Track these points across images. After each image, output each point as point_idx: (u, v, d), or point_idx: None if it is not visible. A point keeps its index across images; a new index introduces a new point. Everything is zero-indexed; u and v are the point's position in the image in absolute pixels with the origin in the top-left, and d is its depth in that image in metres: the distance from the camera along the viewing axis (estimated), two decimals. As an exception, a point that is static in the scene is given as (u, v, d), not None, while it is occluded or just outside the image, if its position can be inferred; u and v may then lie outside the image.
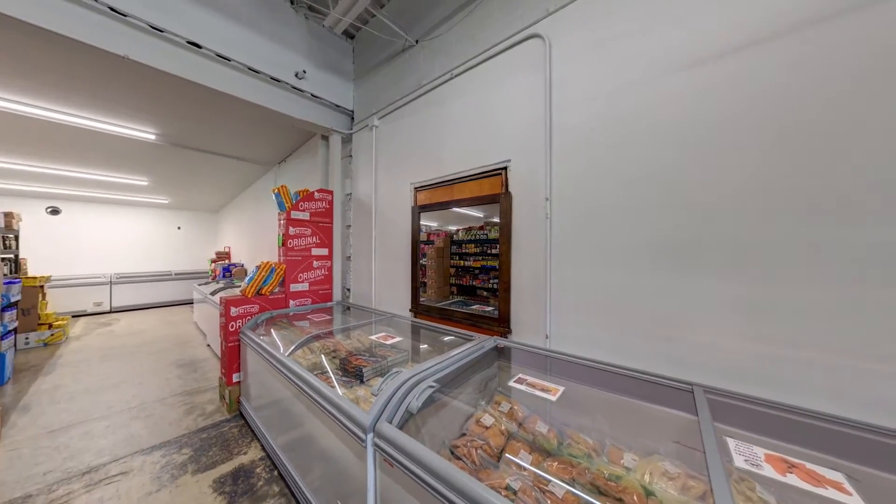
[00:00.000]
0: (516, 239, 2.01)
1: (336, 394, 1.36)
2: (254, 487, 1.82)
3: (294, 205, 3.08)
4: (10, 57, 2.47)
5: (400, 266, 2.86)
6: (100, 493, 1.80)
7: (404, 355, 1.98)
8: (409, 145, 2.83)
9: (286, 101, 3.01)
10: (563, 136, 1.80)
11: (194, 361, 3.96)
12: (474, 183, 2.28)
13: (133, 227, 8.03)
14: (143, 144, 4.26)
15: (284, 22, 2.95)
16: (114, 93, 3.03)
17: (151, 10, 2.19)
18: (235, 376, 2.64)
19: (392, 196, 3.00)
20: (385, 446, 1.05)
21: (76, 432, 2.40)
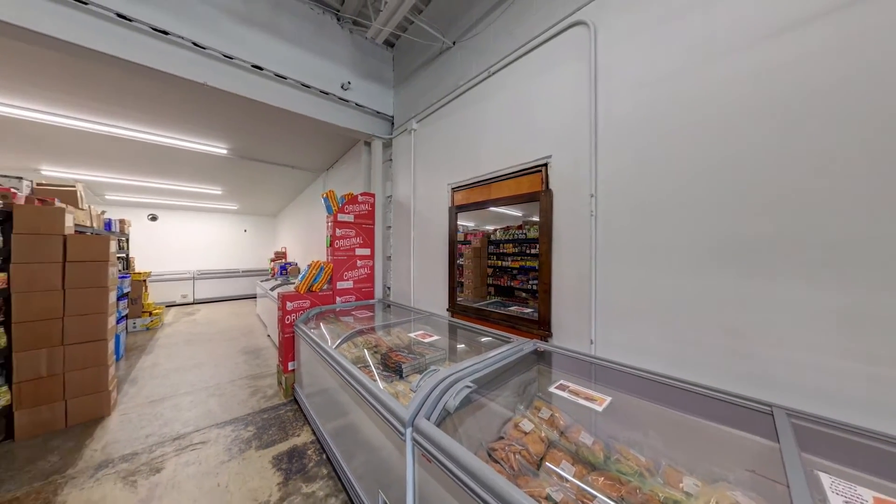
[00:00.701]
0: (557, 238, 1.92)
1: (378, 387, 1.43)
2: (305, 468, 1.99)
3: (340, 208, 3.30)
4: (111, 90, 3.01)
5: (437, 266, 2.91)
6: (186, 457, 2.11)
7: (442, 354, 2.00)
8: (446, 146, 2.86)
9: (333, 112, 3.23)
10: (611, 127, 1.68)
11: (257, 349, 4.45)
12: (512, 181, 2.22)
13: (210, 231, 9.27)
14: (217, 158, 4.90)
15: (332, 38, 3.17)
16: (193, 114, 3.52)
17: (224, 41, 2.51)
18: (290, 364, 2.91)
19: (430, 197, 3.06)
20: (423, 442, 1.08)
21: (169, 404, 2.85)
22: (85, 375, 2.54)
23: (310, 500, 1.72)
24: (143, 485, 1.86)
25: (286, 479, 1.89)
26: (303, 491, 1.79)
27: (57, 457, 2.11)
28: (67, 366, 2.47)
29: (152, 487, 1.84)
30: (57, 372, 2.43)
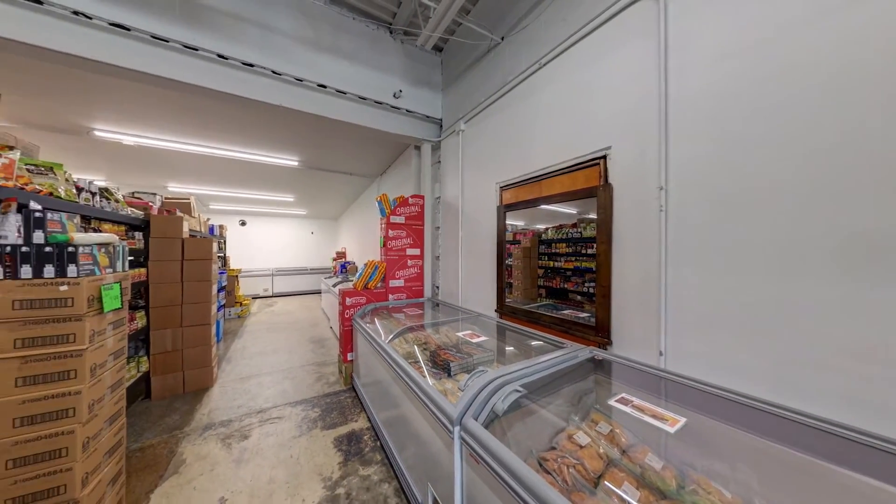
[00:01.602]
0: (618, 237, 1.74)
1: (427, 383, 1.47)
2: (362, 451, 2.15)
3: (392, 210, 3.49)
4: (211, 117, 3.62)
5: (485, 266, 2.88)
6: (267, 428, 2.45)
7: (490, 355, 1.98)
8: (494, 145, 2.82)
9: (386, 120, 3.43)
10: (685, 109, 1.47)
11: (322, 339, 4.95)
12: (566, 177, 2.09)
13: (284, 233, 10.62)
14: (290, 169, 5.58)
15: (384, 51, 3.36)
16: (270, 132, 4.07)
17: (295, 66, 2.85)
18: (349, 355, 3.18)
19: (477, 197, 3.05)
20: (471, 442, 1.08)
21: (254, 381, 3.34)
22: (196, 352, 3.12)
23: (366, 483, 1.86)
24: (235, 447, 2.22)
25: (346, 460, 2.07)
26: (360, 473, 1.94)
27: (178, 416, 2.63)
28: (185, 343, 3.06)
29: (242, 451, 2.18)
30: (178, 348, 3.03)
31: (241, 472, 1.97)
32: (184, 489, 1.82)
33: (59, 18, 2.03)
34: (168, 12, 2.33)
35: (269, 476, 1.93)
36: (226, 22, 2.54)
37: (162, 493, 1.79)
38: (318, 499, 1.74)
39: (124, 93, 3.05)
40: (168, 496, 1.77)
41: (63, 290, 1.20)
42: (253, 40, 2.66)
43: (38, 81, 2.84)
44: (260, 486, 1.84)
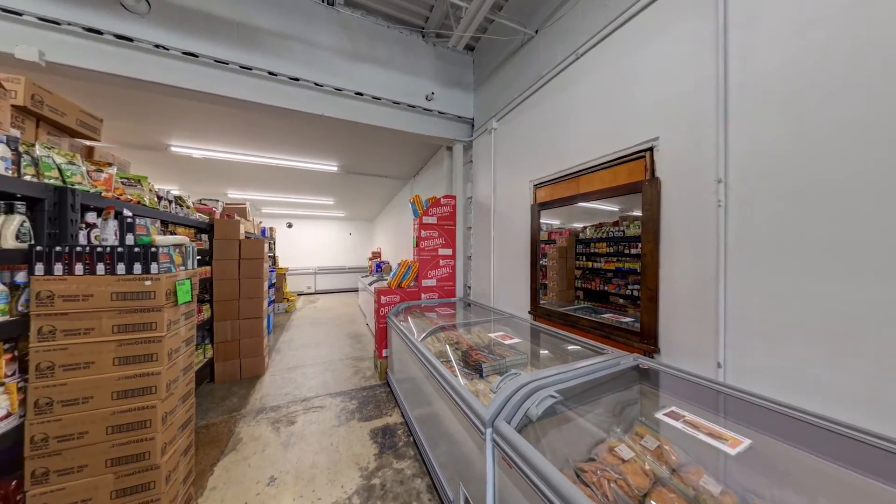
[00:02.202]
0: (667, 235, 1.60)
1: (459, 383, 1.48)
2: (396, 445, 2.22)
3: (425, 211, 3.55)
4: (261, 129, 3.96)
5: (519, 266, 2.81)
6: (310, 416, 2.63)
7: (523, 358, 1.93)
8: (527, 142, 2.75)
9: (419, 122, 3.50)
10: (750, 90, 1.30)
11: (359, 335, 5.20)
12: (606, 172, 1.97)
13: (325, 234, 11.33)
14: (330, 174, 5.93)
15: (417, 55, 3.43)
16: (312, 140, 4.35)
17: (335, 77, 3.02)
18: (384, 351, 3.29)
19: (510, 196, 2.99)
20: (504, 445, 1.06)
21: (299, 372, 3.61)
22: (250, 342, 3.45)
23: (399, 476, 1.91)
24: (283, 431, 2.41)
25: (380, 452, 2.15)
26: (394, 466, 2.00)
27: (236, 399, 2.93)
28: (241, 334, 3.40)
29: (288, 435, 2.36)
30: (236, 338, 3.38)
31: (287, 454, 2.14)
32: (240, 465, 2.03)
33: (145, 52, 2.37)
34: (228, 38, 2.61)
35: (312, 461, 2.07)
36: (274, 41, 2.78)
37: (223, 467, 2.00)
38: (356, 487, 1.83)
39: (193, 112, 3.48)
40: (228, 470, 1.98)
41: (147, 284, 1.40)
42: (298, 56, 2.87)
43: (129, 108, 3.33)
44: (304, 469, 1.98)
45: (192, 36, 2.49)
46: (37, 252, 1.28)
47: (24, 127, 1.59)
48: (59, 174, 1.51)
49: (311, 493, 1.79)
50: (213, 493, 1.79)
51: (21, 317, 1.26)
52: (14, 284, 1.28)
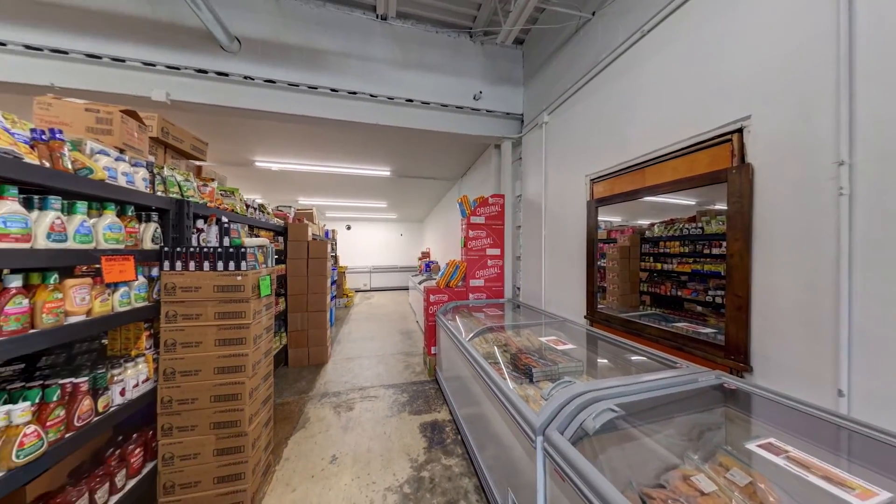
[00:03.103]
0: (763, 232, 1.34)
1: (508, 386, 1.44)
2: (444, 442, 2.26)
3: (472, 211, 3.55)
4: (324, 141, 4.37)
5: (572, 267, 2.64)
6: (365, 404, 2.83)
7: (577, 365, 1.80)
8: (583, 134, 2.56)
9: (467, 122, 3.51)
10: (886, 44, 1.02)
11: (409, 331, 5.43)
12: (679, 161, 1.73)
13: (379, 235, 12.08)
14: (383, 179, 6.30)
15: (465, 56, 3.45)
16: (366, 148, 4.67)
17: (388, 87, 3.20)
18: (433, 349, 3.38)
19: (563, 192, 2.82)
20: (556, 457, 1.00)
21: (357, 363, 3.91)
22: (316, 333, 3.85)
23: (447, 473, 1.94)
24: (343, 415, 2.64)
25: (429, 446, 2.21)
26: (442, 462, 2.04)
27: (304, 382, 3.30)
28: (309, 325, 3.82)
29: (348, 420, 2.58)
30: (305, 328, 3.80)
31: (346, 437, 2.33)
32: (308, 441, 2.28)
33: (237, 84, 2.82)
34: (298, 63, 2.95)
35: (368, 446, 2.22)
36: (335, 60, 3.05)
37: (295, 441, 2.28)
38: (406, 476, 1.92)
39: (272, 131, 4.02)
40: (299, 444, 2.24)
41: (238, 279, 1.67)
42: (355, 71, 3.11)
43: (224, 131, 3.99)
44: (361, 453, 2.14)
45: (270, 65, 2.88)
46: (165, 252, 1.61)
47: (156, 153, 2.02)
48: (179, 190, 1.88)
49: (367, 476, 1.92)
50: (287, 464, 2.04)
51: (155, 303, 1.61)
52: (150, 277, 1.63)
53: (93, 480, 1.31)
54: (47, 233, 1.13)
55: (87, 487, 1.27)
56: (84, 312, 1.26)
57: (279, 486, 1.84)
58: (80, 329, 1.23)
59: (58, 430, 1.12)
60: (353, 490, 1.81)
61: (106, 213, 1.39)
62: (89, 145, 1.42)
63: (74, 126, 1.57)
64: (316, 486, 1.84)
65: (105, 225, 1.37)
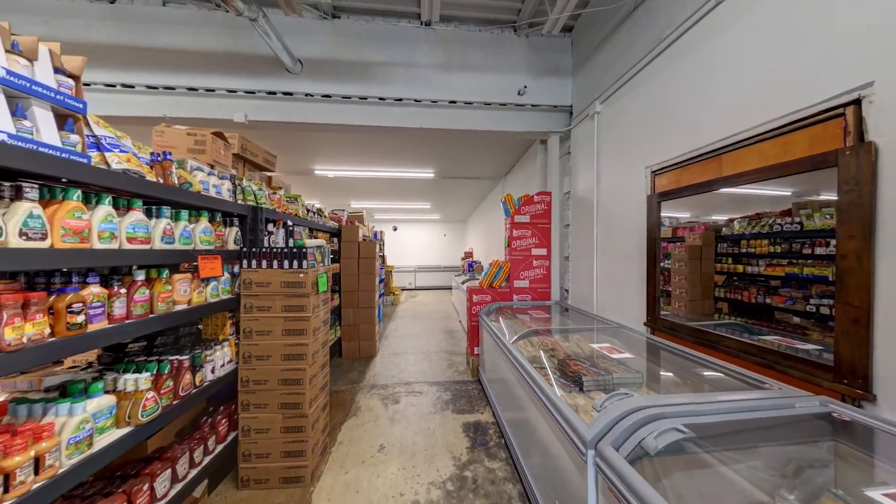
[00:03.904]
0: (891, 227, 1.07)
1: (555, 394, 1.37)
2: (487, 444, 2.23)
3: (517, 209, 3.45)
4: (372, 147, 4.61)
5: (629, 268, 2.40)
6: (411, 399, 2.94)
7: (636, 377, 1.64)
8: (642, 122, 2.31)
9: (510, 120, 3.43)
10: None
11: (452, 331, 5.48)
12: (769, 144, 1.46)
13: (423, 236, 12.43)
14: (427, 181, 6.46)
15: (509, 51, 3.37)
16: (411, 151, 4.82)
17: (431, 90, 3.28)
18: (476, 349, 3.37)
19: (618, 187, 2.59)
20: (610, 474, 0.92)
21: (402, 358, 4.08)
22: (366, 328, 4.11)
23: (491, 476, 1.92)
24: (390, 407, 2.77)
25: (472, 446, 2.20)
26: (485, 464, 2.02)
27: (356, 373, 3.55)
28: (360, 320, 4.09)
29: (394, 412, 2.70)
30: (356, 323, 4.08)
31: (393, 428, 2.45)
32: (359, 429, 2.44)
33: (299, 101, 3.14)
34: (349, 76, 3.17)
35: (413, 439, 2.30)
36: (383, 70, 3.22)
37: (347, 427, 2.46)
38: (449, 473, 1.94)
39: (328, 142, 4.39)
40: (351, 429, 2.42)
41: (300, 276, 1.86)
42: (401, 79, 3.24)
43: (288, 144, 4.47)
44: (406, 445, 2.23)
45: (327, 81, 3.15)
46: (243, 252, 1.87)
47: (237, 167, 2.34)
48: (254, 198, 2.16)
49: (412, 468, 1.99)
50: (341, 447, 2.21)
51: (236, 296, 1.87)
52: (233, 274, 1.90)
53: (192, 441, 1.57)
54: (161, 236, 1.39)
55: (188, 446, 1.53)
56: (186, 302, 1.52)
57: (334, 467, 2.00)
58: (183, 315, 1.49)
59: (168, 398, 1.38)
60: (399, 480, 1.89)
61: (201, 219, 1.66)
62: (189, 163, 1.70)
63: (179, 148, 1.90)
64: (366, 472, 1.96)
65: (200, 229, 1.63)
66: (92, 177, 1.10)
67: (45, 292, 1.00)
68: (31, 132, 0.97)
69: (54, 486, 0.95)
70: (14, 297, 0.89)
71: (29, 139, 0.94)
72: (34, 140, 0.96)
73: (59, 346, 0.99)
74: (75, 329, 1.03)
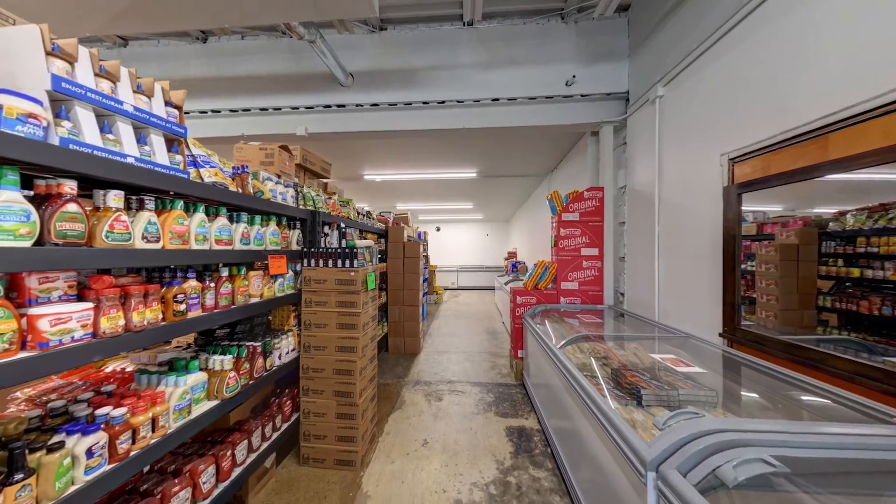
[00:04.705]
0: None
1: (608, 406, 1.27)
2: (532, 451, 2.15)
3: (564, 207, 3.26)
4: (417, 149, 4.74)
5: (700, 270, 2.11)
6: (453, 398, 2.96)
7: (709, 395, 1.43)
8: (716, 103, 2.02)
9: (557, 112, 3.26)
10: None
11: (495, 332, 5.40)
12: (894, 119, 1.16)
13: (465, 236, 12.46)
14: (470, 181, 6.46)
15: (555, 40, 3.20)
16: (453, 152, 4.86)
17: (473, 90, 3.27)
18: (520, 352, 3.27)
19: (685, 179, 2.29)
20: (675, 501, 0.82)
21: (445, 356, 4.14)
22: (410, 325, 4.26)
23: (536, 485, 1.84)
24: (433, 404, 2.83)
25: (516, 452, 2.14)
26: (530, 472, 1.95)
27: (401, 368, 3.69)
28: (405, 317, 4.26)
29: (437, 409, 2.75)
30: (401, 320, 4.26)
31: (436, 425, 2.49)
32: (404, 422, 2.54)
33: (350, 112, 3.38)
34: (396, 84, 3.32)
35: (455, 438, 2.32)
36: (426, 75, 3.30)
37: (394, 419, 2.57)
38: (492, 477, 1.91)
39: (375, 148, 4.64)
40: (397, 422, 2.53)
41: (352, 274, 2.00)
42: (443, 81, 3.29)
43: (340, 152, 4.83)
44: (449, 443, 2.25)
45: (375, 91, 3.34)
46: (304, 252, 2.07)
47: (298, 175, 2.61)
48: (313, 203, 2.38)
49: (455, 467, 2.00)
50: (387, 438, 2.33)
51: (298, 291, 2.08)
52: (295, 271, 2.12)
53: (263, 418, 1.79)
54: (240, 238, 1.61)
55: (260, 422, 1.75)
56: (259, 295, 1.74)
57: (381, 456, 2.11)
58: (257, 307, 1.71)
59: (245, 378, 1.59)
60: (442, 476, 1.92)
61: (270, 223, 1.88)
62: (261, 174, 1.94)
63: (253, 161, 2.19)
64: (410, 464, 2.03)
65: (270, 231, 1.85)
66: (192, 189, 1.32)
67: (159, 284, 1.23)
68: (150, 155, 1.20)
69: (165, 443, 1.16)
70: (138, 288, 1.11)
71: (148, 161, 1.17)
72: (152, 161, 1.19)
73: (169, 328, 1.21)
74: (179, 316, 1.25)
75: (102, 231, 1.00)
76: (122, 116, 1.12)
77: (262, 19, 2.36)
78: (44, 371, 0.87)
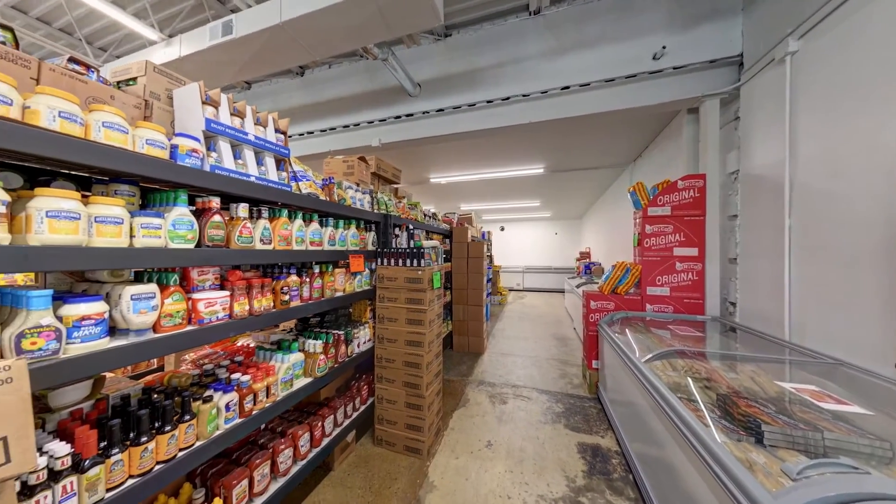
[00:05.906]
0: None
1: (714, 439, 1.05)
2: (609, 475, 1.93)
3: (651, 200, 2.83)
4: (479, 149, 4.70)
5: (859, 277, 1.58)
6: (518, 402, 2.86)
7: (874, 445, 1.06)
8: (885, 54, 1.47)
9: (641, 93, 2.85)
10: None
11: (564, 338, 5.01)
12: None
13: (532, 235, 11.89)
14: (536, 177, 6.15)
15: (638, 9, 2.80)
16: (517, 148, 4.68)
17: (539, 81, 3.10)
18: (594, 363, 2.96)
19: (836, 155, 1.74)
20: (818, 577, 0.63)
21: (510, 359, 4.03)
22: (475, 325, 4.28)
23: (614, 512, 1.65)
24: (497, 406, 2.79)
25: (590, 471, 1.95)
26: (607, 496, 1.75)
27: (465, 367, 3.74)
28: (469, 316, 4.30)
29: (501, 412, 2.69)
30: (466, 319, 4.31)
31: (500, 428, 2.45)
32: (468, 420, 2.56)
33: (417, 119, 3.58)
34: (460, 87, 3.38)
35: (520, 445, 2.24)
36: (490, 73, 3.27)
37: (458, 416, 2.62)
38: (562, 493, 1.78)
39: (440, 152, 4.81)
40: (461, 419, 2.57)
41: (419, 273, 2.12)
42: (508, 77, 3.21)
43: (408, 157, 5.15)
44: (514, 449, 2.19)
45: (440, 96, 3.46)
46: (378, 252, 2.28)
47: (373, 183, 2.88)
48: (385, 207, 2.60)
49: (520, 475, 1.93)
50: (452, 433, 2.39)
51: (373, 287, 2.30)
52: (371, 269, 2.35)
53: (346, 398, 2.03)
54: (328, 240, 1.86)
55: (343, 401, 1.99)
56: (342, 290, 1.99)
57: (446, 450, 2.17)
58: (341, 300, 1.95)
59: (331, 361, 1.83)
60: (507, 482, 1.87)
61: (351, 226, 2.13)
62: (344, 184, 2.22)
63: (338, 173, 2.51)
64: (474, 463, 2.04)
65: (350, 234, 2.09)
66: (294, 200, 1.59)
67: (271, 278, 1.51)
68: (265, 174, 1.48)
69: (275, 408, 1.42)
70: (258, 280, 1.39)
71: (264, 178, 1.45)
72: (267, 178, 1.47)
73: (278, 314, 1.48)
74: (284, 305, 1.52)
75: (235, 236, 1.29)
76: (247, 145, 1.41)
77: (344, 47, 2.69)
78: (202, 341, 1.16)
